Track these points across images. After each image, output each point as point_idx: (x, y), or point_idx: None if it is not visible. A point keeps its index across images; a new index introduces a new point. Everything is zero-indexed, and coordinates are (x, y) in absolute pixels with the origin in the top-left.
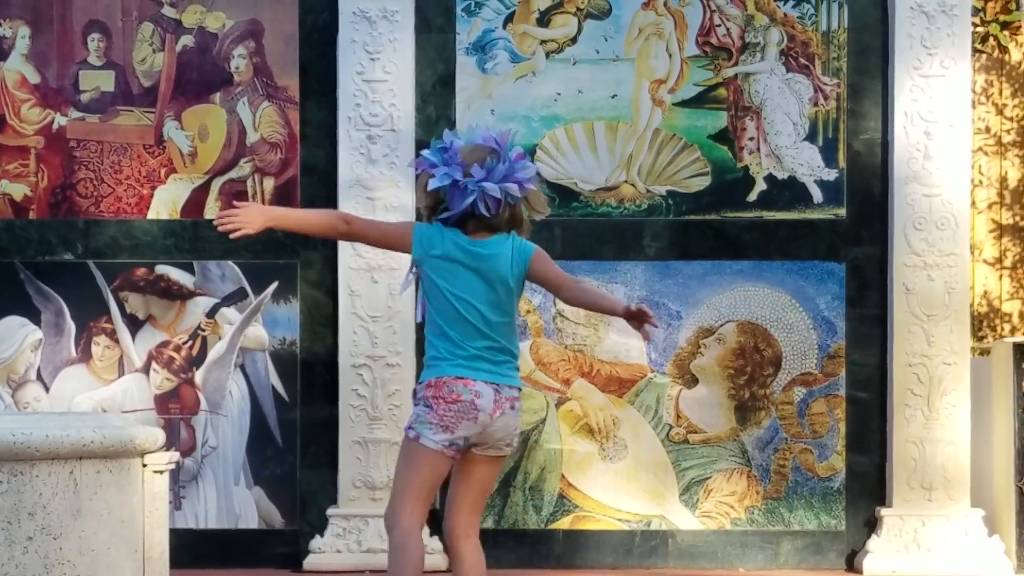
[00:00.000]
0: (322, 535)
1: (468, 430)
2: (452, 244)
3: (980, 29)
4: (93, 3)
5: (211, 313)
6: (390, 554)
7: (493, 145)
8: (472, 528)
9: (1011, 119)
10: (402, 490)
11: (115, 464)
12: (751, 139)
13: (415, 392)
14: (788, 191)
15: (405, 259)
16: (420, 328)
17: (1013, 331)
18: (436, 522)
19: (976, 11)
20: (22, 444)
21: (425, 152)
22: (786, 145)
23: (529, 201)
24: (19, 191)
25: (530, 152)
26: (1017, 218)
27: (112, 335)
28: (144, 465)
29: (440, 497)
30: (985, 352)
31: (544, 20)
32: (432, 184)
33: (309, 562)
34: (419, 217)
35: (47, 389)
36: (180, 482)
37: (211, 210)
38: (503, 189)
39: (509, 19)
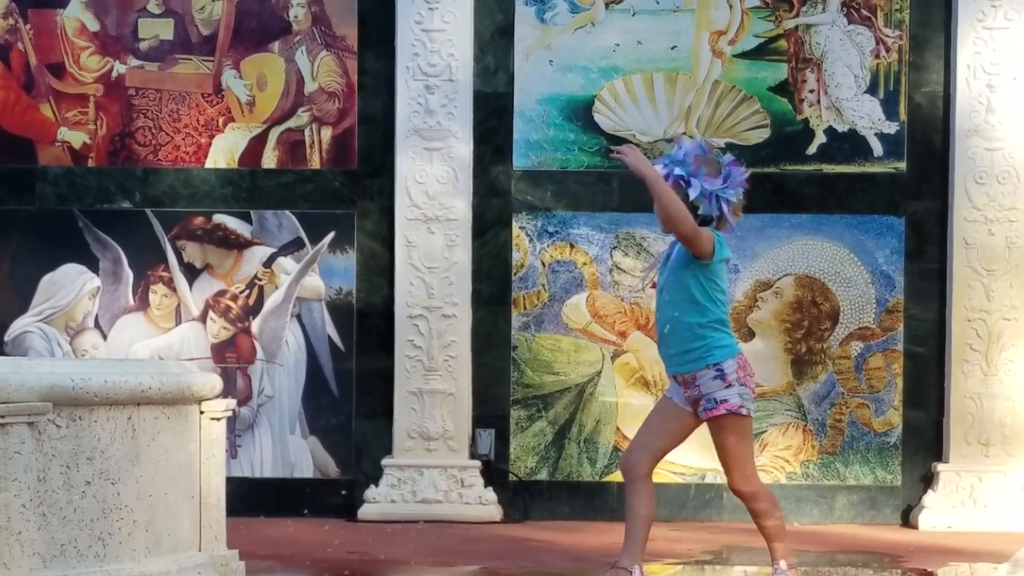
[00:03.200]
0: (377, 485)
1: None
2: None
3: None
4: None
5: (268, 263)
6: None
7: (712, 156)
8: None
9: None
10: (752, 461)
11: (173, 410)
12: (811, 91)
13: (723, 372)
14: (848, 144)
15: (460, 209)
16: (477, 279)
17: None
18: (489, 473)
19: None
20: (81, 389)
21: (667, 160)
22: (847, 98)
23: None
24: (78, 139)
25: (588, 103)
26: None
27: (169, 283)
28: (201, 412)
29: (499, 447)
30: None
31: None
32: (692, 194)
33: (364, 512)
34: None
35: (105, 337)
36: (236, 431)
37: (269, 159)
38: (736, 194)
39: None
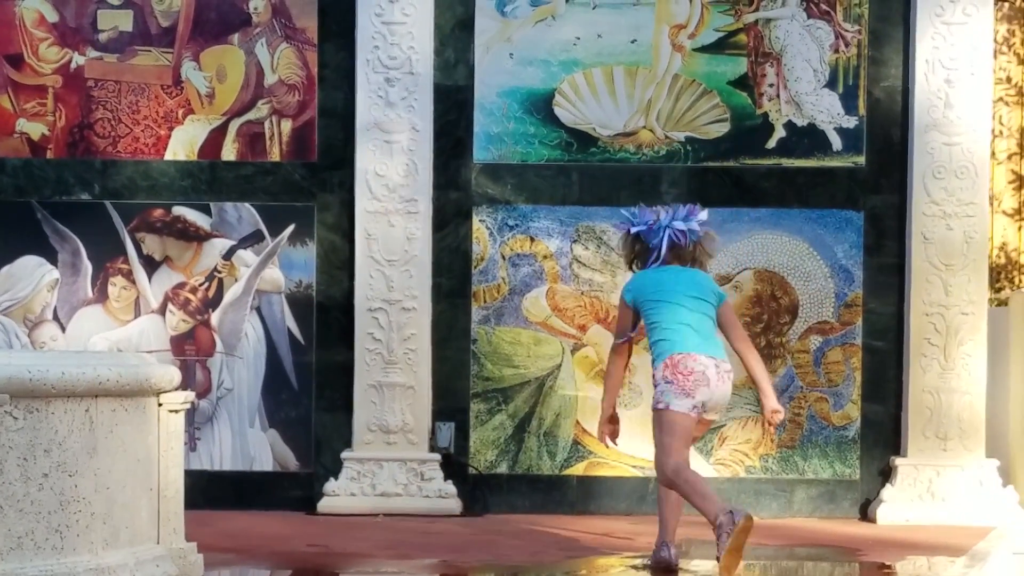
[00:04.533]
0: (336, 478)
1: (704, 395)
2: (654, 276)
3: None
4: None
5: (228, 255)
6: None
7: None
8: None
9: None
10: (669, 452)
11: (131, 402)
12: (771, 86)
13: (653, 375)
14: (807, 138)
15: (421, 203)
16: (437, 272)
17: None
18: (449, 466)
19: None
20: (38, 381)
21: (624, 212)
22: (806, 92)
23: (703, 243)
24: (36, 130)
25: (548, 97)
26: None
27: (129, 276)
28: (160, 404)
29: (459, 440)
30: (1003, 303)
31: None
32: (633, 230)
33: (323, 505)
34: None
35: (63, 329)
36: (195, 424)
37: (228, 151)
38: (686, 224)
39: None
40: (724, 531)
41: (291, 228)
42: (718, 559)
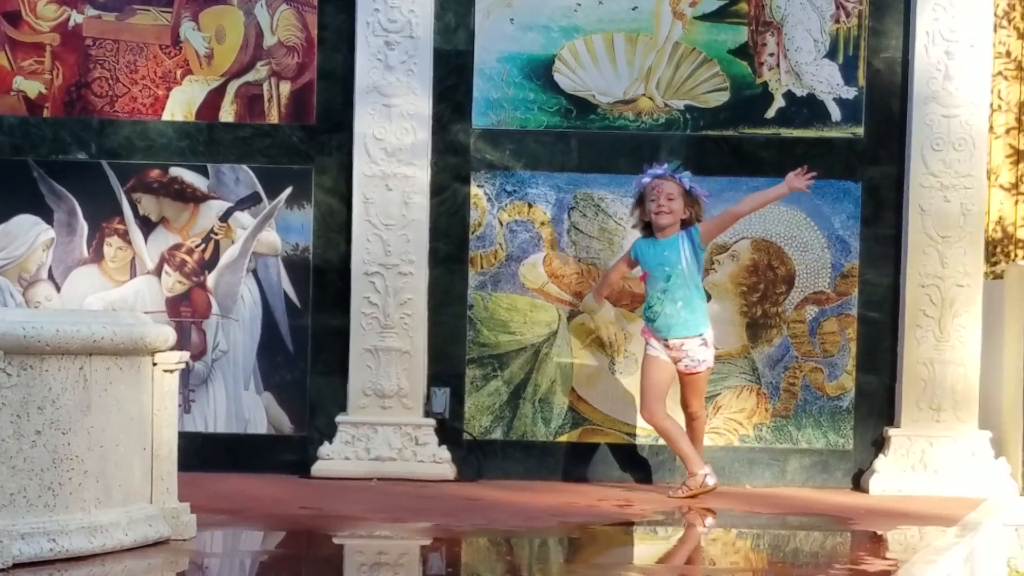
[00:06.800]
0: (331, 442)
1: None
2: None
3: None
4: None
5: (224, 217)
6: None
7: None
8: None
9: None
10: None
11: (125, 361)
12: (771, 55)
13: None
14: (806, 108)
15: (419, 167)
16: (434, 237)
17: None
18: (443, 431)
19: None
20: (32, 338)
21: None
22: (806, 62)
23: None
24: (33, 88)
25: (548, 63)
26: None
27: (125, 236)
28: (154, 364)
29: (454, 405)
30: (998, 276)
31: None
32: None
33: (317, 468)
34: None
35: (58, 289)
36: (190, 385)
37: (226, 113)
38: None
39: None
40: None
41: (288, 191)
42: None
